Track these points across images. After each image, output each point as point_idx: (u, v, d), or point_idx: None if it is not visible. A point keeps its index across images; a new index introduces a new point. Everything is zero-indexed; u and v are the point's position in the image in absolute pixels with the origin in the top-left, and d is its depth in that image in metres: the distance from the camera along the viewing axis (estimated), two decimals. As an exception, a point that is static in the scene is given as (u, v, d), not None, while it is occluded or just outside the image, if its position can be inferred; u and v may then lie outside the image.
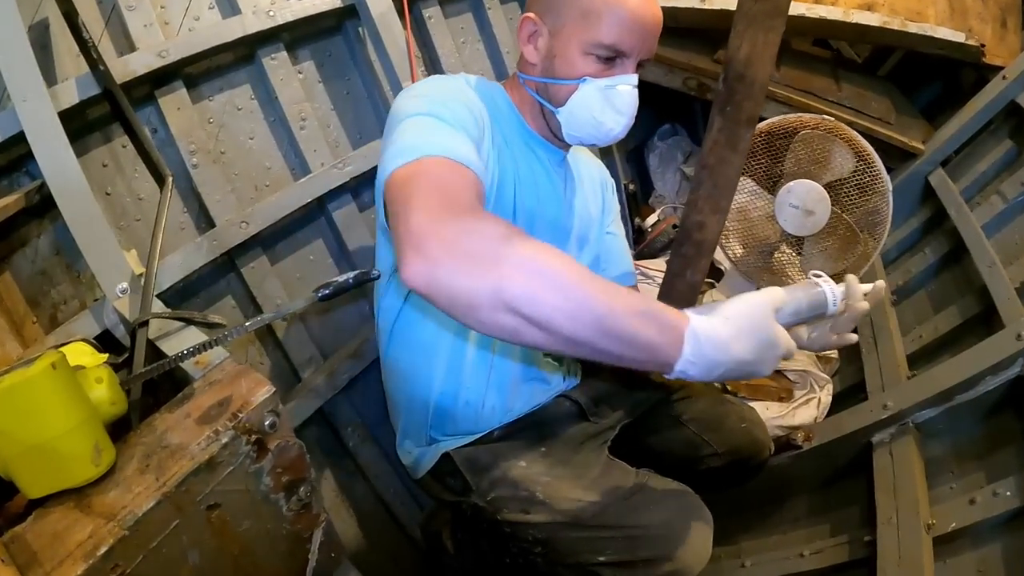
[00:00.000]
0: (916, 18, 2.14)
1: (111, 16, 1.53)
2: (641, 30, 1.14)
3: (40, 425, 0.81)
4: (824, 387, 1.94)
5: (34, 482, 0.84)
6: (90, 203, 1.26)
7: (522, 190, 1.24)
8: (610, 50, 1.14)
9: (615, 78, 1.16)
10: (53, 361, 0.82)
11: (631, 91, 1.17)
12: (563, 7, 1.15)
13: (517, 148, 1.26)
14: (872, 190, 1.76)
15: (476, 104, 1.14)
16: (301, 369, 1.77)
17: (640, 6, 1.13)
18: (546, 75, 1.20)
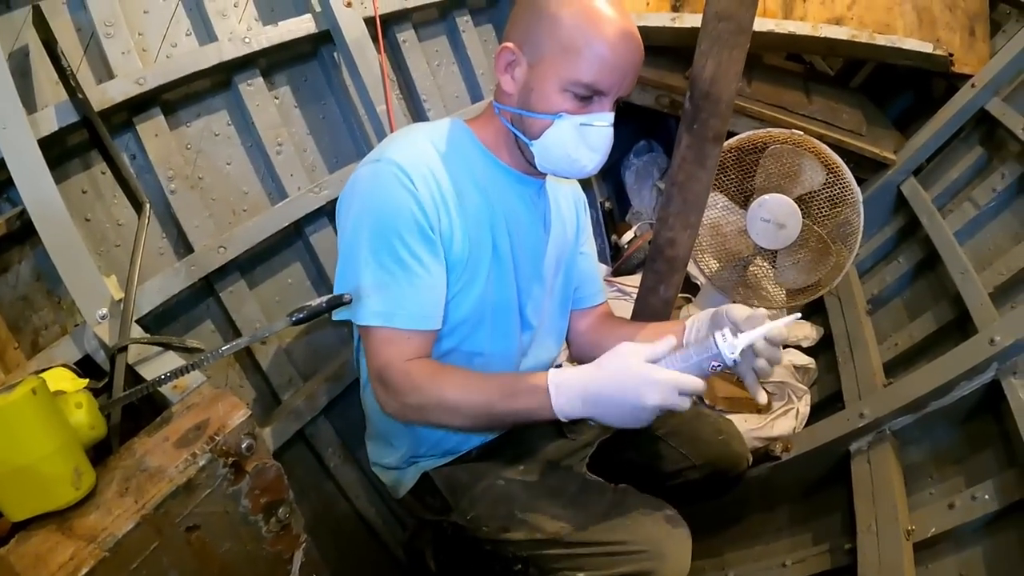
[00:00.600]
0: (884, 30, 2.19)
1: (90, 44, 1.54)
2: (622, 70, 1.12)
3: (21, 449, 0.82)
4: (802, 397, 1.96)
5: (16, 505, 0.85)
6: (70, 229, 1.27)
7: (499, 232, 1.23)
8: (588, 89, 1.12)
9: (591, 115, 1.14)
10: (33, 387, 0.83)
11: (607, 130, 1.16)
12: (543, 39, 1.13)
13: (493, 192, 1.24)
14: (842, 202, 1.79)
15: (426, 196, 1.12)
16: (281, 391, 1.77)
17: (622, 45, 1.11)
18: (522, 107, 1.18)
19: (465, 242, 1.18)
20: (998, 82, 2.07)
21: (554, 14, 1.12)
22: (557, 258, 1.39)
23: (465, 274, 1.20)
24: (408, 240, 1.12)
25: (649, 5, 2.40)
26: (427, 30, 2.30)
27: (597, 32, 1.10)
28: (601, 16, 1.10)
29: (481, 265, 1.22)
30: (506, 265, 1.26)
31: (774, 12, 2.27)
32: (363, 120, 2.00)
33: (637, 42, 1.14)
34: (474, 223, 1.20)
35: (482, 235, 1.21)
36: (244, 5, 1.82)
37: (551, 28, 1.12)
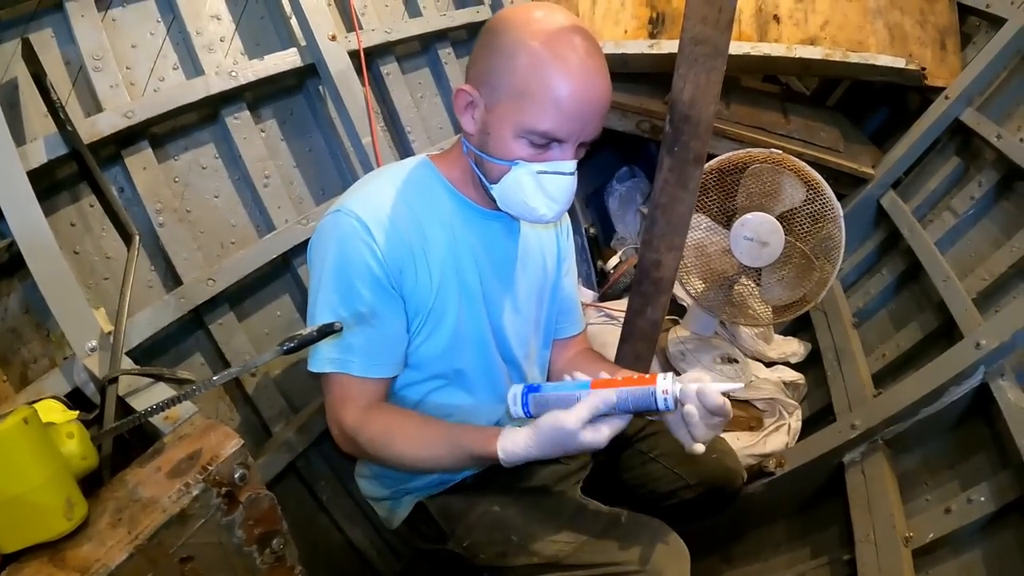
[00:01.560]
0: (857, 48, 2.24)
1: (78, 77, 1.56)
2: (580, 117, 1.06)
3: (12, 479, 0.81)
4: (793, 413, 1.97)
5: (7, 536, 0.84)
6: (59, 262, 1.27)
7: (467, 268, 1.22)
8: (544, 137, 1.06)
9: (550, 163, 1.09)
10: (25, 416, 0.82)
11: (566, 179, 1.11)
12: (498, 83, 1.07)
13: (460, 229, 1.22)
14: (824, 217, 1.82)
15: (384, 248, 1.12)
16: (271, 423, 1.76)
17: (579, 91, 1.04)
18: (481, 149, 1.13)
19: (429, 285, 1.18)
20: (971, 92, 2.12)
21: (509, 56, 1.06)
22: (539, 290, 1.37)
23: (433, 315, 1.20)
24: (363, 292, 1.13)
25: (627, 33, 2.44)
26: (410, 63, 2.34)
27: (553, 78, 1.03)
28: (558, 59, 1.03)
29: (450, 303, 1.21)
30: (476, 301, 1.25)
31: (749, 35, 2.32)
32: (349, 152, 2.02)
33: (599, 86, 1.07)
34: (438, 264, 1.18)
35: (447, 274, 1.20)
36: (230, 39, 1.85)
37: (506, 71, 1.06)
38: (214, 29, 1.81)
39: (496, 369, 1.32)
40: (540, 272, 1.37)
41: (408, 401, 1.29)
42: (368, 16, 2.16)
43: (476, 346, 1.27)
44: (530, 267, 1.35)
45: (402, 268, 1.14)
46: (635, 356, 1.62)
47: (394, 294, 1.16)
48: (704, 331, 2.17)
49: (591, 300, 2.56)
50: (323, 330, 1.04)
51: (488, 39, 1.10)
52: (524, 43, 1.04)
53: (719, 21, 1.32)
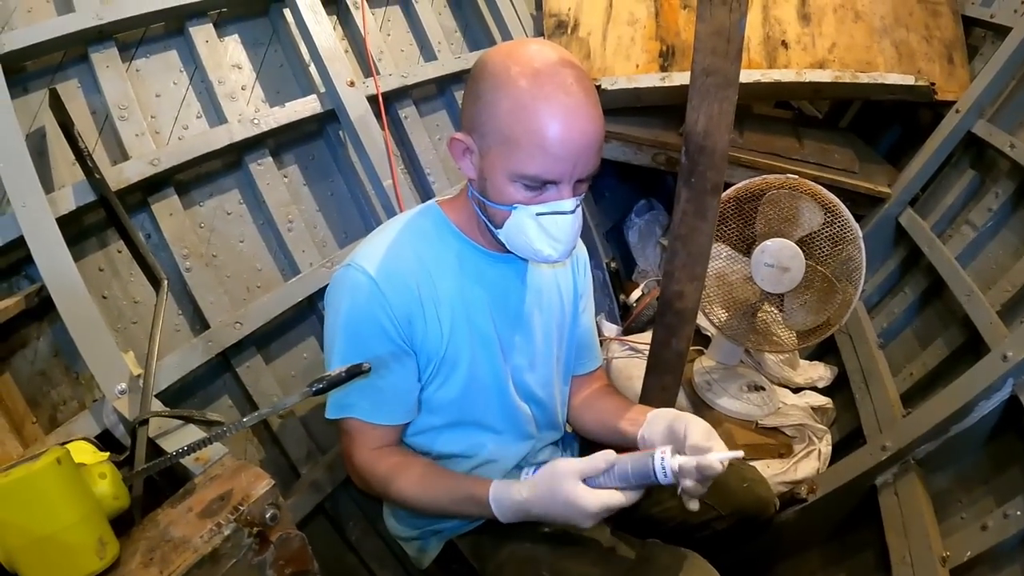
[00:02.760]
0: (866, 68, 2.26)
1: (104, 126, 1.61)
2: (568, 157, 1.03)
3: (45, 518, 0.82)
4: (823, 438, 1.94)
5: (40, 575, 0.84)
6: (88, 306, 1.30)
7: (479, 314, 1.23)
8: (535, 180, 1.05)
9: (548, 204, 1.08)
10: (58, 456, 0.84)
11: (567, 218, 1.09)
12: (487, 130, 1.06)
13: (471, 275, 1.22)
14: (843, 239, 1.81)
15: (394, 302, 1.14)
16: (299, 465, 1.76)
17: (564, 132, 1.01)
18: (482, 194, 1.13)
19: (440, 334, 1.19)
20: (981, 104, 2.12)
21: (492, 102, 1.04)
22: (558, 327, 1.38)
23: (446, 363, 1.22)
24: (373, 346, 1.16)
25: (639, 67, 2.48)
26: (427, 105, 2.39)
27: (535, 122, 1.01)
28: (539, 100, 1.01)
29: (462, 350, 1.22)
30: (490, 346, 1.25)
31: (759, 63, 2.34)
32: (370, 195, 2.05)
33: (585, 122, 1.03)
34: (448, 312, 1.19)
35: (458, 322, 1.21)
36: (251, 88, 1.90)
37: (491, 117, 1.05)
38: (235, 78, 1.86)
39: (516, 410, 1.33)
40: (557, 310, 1.37)
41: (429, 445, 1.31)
42: (385, 61, 2.21)
43: (494, 390, 1.29)
44: (546, 306, 1.34)
45: (411, 319, 1.17)
46: (662, 387, 1.61)
47: (404, 347, 1.18)
48: (729, 360, 2.15)
49: (615, 334, 2.55)
50: (351, 371, 1.05)
51: (473, 84, 1.09)
52: (505, 86, 1.03)
53: (728, 51, 1.33)
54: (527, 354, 1.32)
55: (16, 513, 0.81)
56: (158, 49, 1.76)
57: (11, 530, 0.81)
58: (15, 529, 0.81)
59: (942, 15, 2.39)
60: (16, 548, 0.82)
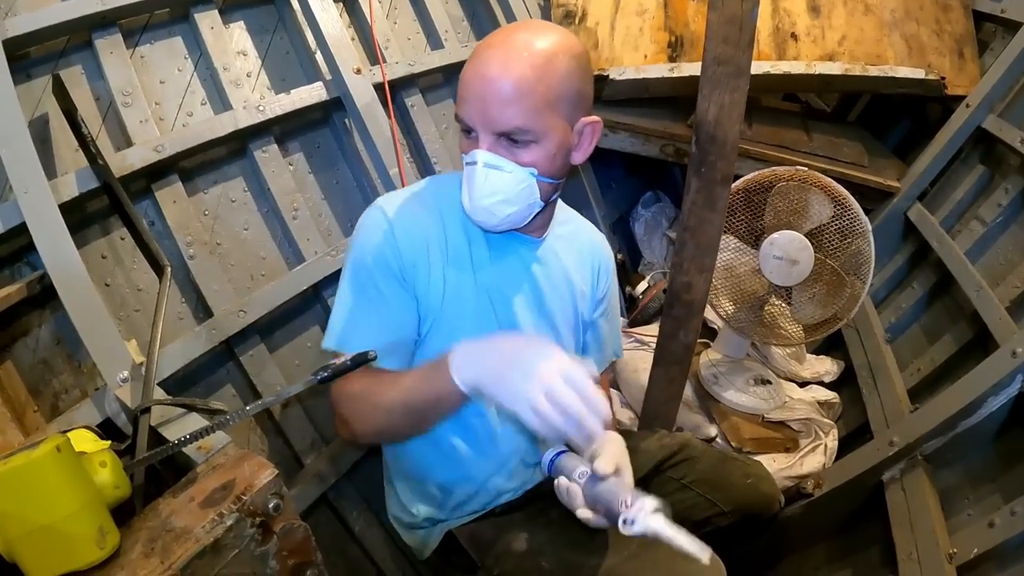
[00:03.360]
0: (876, 61, 2.24)
1: (108, 112, 1.59)
2: (474, 99, 1.07)
3: (45, 507, 0.82)
4: (829, 432, 1.93)
5: (39, 565, 0.84)
6: (91, 293, 1.29)
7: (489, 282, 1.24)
8: (460, 122, 1.11)
9: (468, 154, 1.12)
10: (58, 444, 0.83)
11: (473, 169, 1.11)
12: None
13: (484, 242, 1.24)
14: (852, 233, 1.80)
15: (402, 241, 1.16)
16: (303, 455, 1.76)
17: (483, 70, 1.06)
18: None
19: (441, 288, 1.20)
20: (991, 99, 2.10)
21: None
22: (564, 317, 1.36)
23: (445, 319, 1.21)
24: (378, 282, 1.17)
25: (647, 58, 2.45)
26: (434, 94, 2.37)
27: (469, 61, 1.08)
28: (479, 47, 1.09)
29: (466, 309, 1.22)
30: (495, 312, 1.26)
31: (768, 55, 2.32)
32: (376, 184, 2.03)
33: (502, 70, 1.05)
34: (455, 269, 1.21)
35: (464, 282, 1.22)
36: (256, 75, 1.89)
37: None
38: (240, 65, 1.84)
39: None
40: (567, 300, 1.36)
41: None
42: (391, 49, 2.19)
43: None
44: (555, 291, 1.34)
45: (416, 265, 1.18)
46: (668, 380, 1.61)
47: (405, 285, 1.18)
48: (736, 353, 2.14)
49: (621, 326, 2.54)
50: (356, 359, 1.04)
51: None
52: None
53: (740, 40, 1.33)
54: (528, 328, 1.31)
55: (15, 502, 0.80)
56: (163, 35, 1.74)
57: (10, 519, 0.80)
58: (14, 518, 0.80)
59: (953, 9, 2.37)
60: (15, 537, 0.81)
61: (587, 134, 1.18)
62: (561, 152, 1.14)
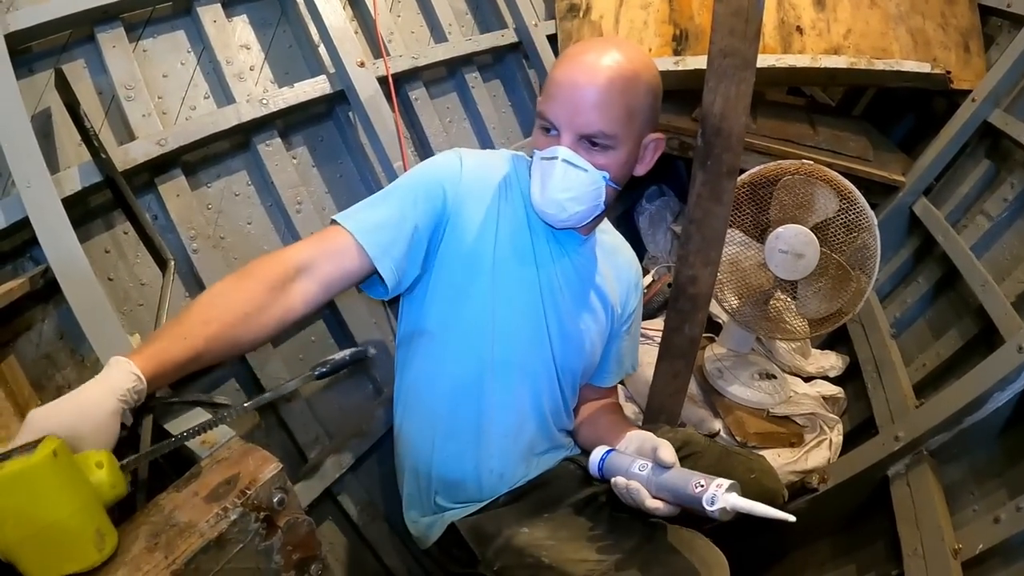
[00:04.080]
0: (881, 55, 2.22)
1: (111, 106, 1.59)
2: (567, 101, 1.14)
3: (41, 511, 0.80)
4: (834, 427, 1.93)
5: (38, 567, 0.83)
6: (94, 288, 1.29)
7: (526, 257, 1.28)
8: (542, 119, 1.17)
9: (546, 150, 1.18)
10: (54, 448, 0.82)
11: (556, 164, 1.16)
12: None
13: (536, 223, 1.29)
14: (858, 227, 1.79)
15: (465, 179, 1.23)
16: (307, 450, 1.75)
17: (572, 74, 1.14)
18: None
19: (480, 236, 1.24)
20: (997, 93, 2.10)
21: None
22: (596, 321, 1.39)
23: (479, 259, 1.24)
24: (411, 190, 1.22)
25: (651, 51, 2.45)
26: (438, 88, 2.36)
27: (559, 64, 1.17)
28: (570, 53, 1.17)
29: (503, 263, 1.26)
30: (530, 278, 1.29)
31: (773, 48, 2.31)
32: (380, 177, 2.02)
33: (593, 76, 1.13)
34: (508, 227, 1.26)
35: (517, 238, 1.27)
36: (260, 68, 1.88)
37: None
38: (244, 58, 1.84)
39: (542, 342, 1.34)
40: (602, 308, 1.40)
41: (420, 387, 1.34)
42: (395, 43, 2.18)
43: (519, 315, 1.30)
44: (598, 294, 1.39)
45: (464, 204, 1.24)
46: (673, 374, 1.60)
47: (436, 209, 1.22)
48: (741, 348, 2.14)
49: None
50: (355, 355, 1.04)
51: None
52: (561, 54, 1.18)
53: (747, 32, 1.32)
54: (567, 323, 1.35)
55: (12, 507, 0.79)
56: (165, 29, 1.73)
57: (7, 523, 0.79)
58: (11, 522, 0.79)
59: (958, 3, 2.36)
60: (14, 541, 0.80)
61: (651, 148, 1.28)
62: (630, 161, 1.24)
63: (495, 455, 1.34)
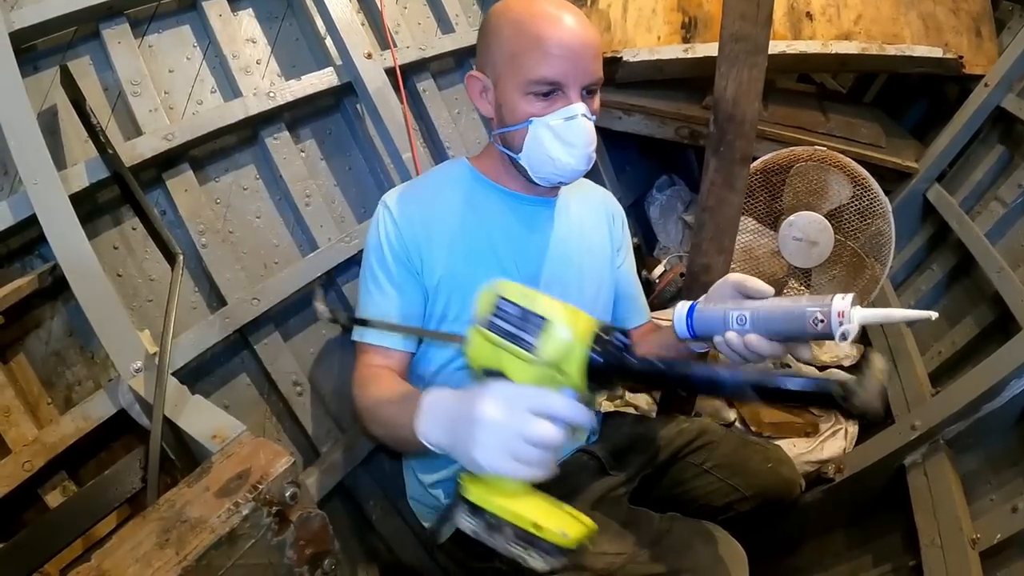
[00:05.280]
0: (893, 40, 2.19)
1: (117, 102, 1.59)
2: (569, 55, 1.13)
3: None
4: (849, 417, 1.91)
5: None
6: (103, 284, 1.29)
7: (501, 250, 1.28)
8: (543, 84, 1.14)
9: (558, 111, 1.16)
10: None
11: (579, 121, 1.16)
12: (495, 56, 1.18)
13: (490, 216, 1.29)
14: (872, 213, 1.77)
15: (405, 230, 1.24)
16: (319, 443, 1.74)
17: (561, 31, 1.13)
18: (501, 125, 1.22)
19: (447, 266, 1.24)
20: (1010, 78, 2.06)
21: (497, 28, 1.18)
22: (592, 274, 1.38)
23: (458, 289, 1.24)
24: (385, 268, 1.25)
25: (660, 39, 2.42)
26: (445, 79, 2.35)
27: (535, 29, 1.13)
28: (535, 15, 1.14)
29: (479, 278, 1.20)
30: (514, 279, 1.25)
31: (783, 34, 2.28)
32: (389, 169, 2.02)
33: (582, 26, 1.15)
34: (464, 246, 1.25)
35: (478, 255, 1.26)
36: (266, 61, 1.88)
37: (498, 42, 1.17)
38: (250, 52, 1.83)
39: None
40: (590, 256, 1.39)
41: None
42: (402, 34, 2.17)
43: None
44: (584, 251, 1.37)
45: (419, 246, 1.24)
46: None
47: (414, 272, 1.24)
48: (753, 337, 2.11)
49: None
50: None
51: (481, 28, 1.24)
52: (505, 16, 1.17)
53: (758, 17, 1.31)
54: (557, 290, 1.30)
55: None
56: (170, 24, 1.73)
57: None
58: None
59: (969, -12, 2.32)
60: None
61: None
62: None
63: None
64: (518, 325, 0.85)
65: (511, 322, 0.85)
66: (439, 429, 0.89)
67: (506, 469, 0.80)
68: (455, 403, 0.88)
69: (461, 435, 0.83)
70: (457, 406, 0.87)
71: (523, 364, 0.84)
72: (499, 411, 0.81)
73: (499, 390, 0.83)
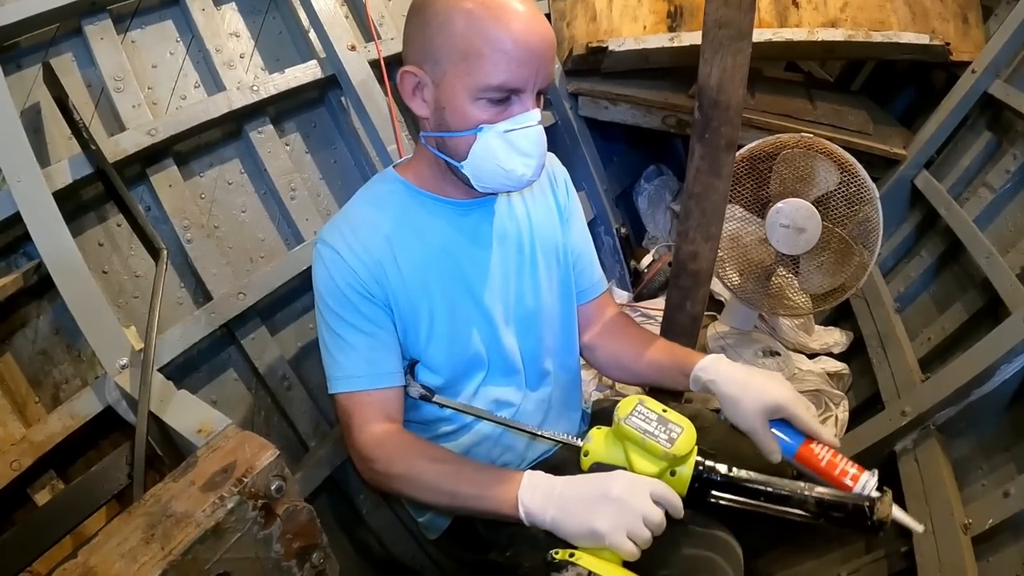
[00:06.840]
0: (879, 27, 2.20)
1: (100, 99, 1.58)
2: (531, 60, 1.03)
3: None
4: (839, 404, 1.91)
5: None
6: (88, 282, 1.28)
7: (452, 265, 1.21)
8: (501, 91, 1.04)
9: (514, 119, 1.06)
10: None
11: (535, 130, 1.08)
12: (440, 53, 1.04)
13: (432, 233, 1.21)
14: (860, 200, 1.77)
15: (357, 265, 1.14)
16: (308, 439, 1.74)
17: (524, 32, 1.02)
18: (441, 129, 1.10)
19: (406, 294, 1.18)
20: (997, 64, 2.07)
21: (445, 21, 1.03)
22: (545, 257, 1.32)
23: (422, 315, 1.20)
24: (348, 309, 1.16)
25: (646, 28, 2.42)
26: (430, 70, 2.33)
27: (494, 30, 1.01)
28: (494, 11, 1.02)
29: (437, 300, 1.20)
30: (470, 291, 1.23)
31: (769, 22, 2.28)
32: (375, 162, 2.01)
33: (542, 27, 1.05)
34: (413, 267, 1.18)
35: (428, 274, 1.19)
36: (250, 55, 1.87)
37: (446, 37, 1.03)
38: (233, 46, 1.82)
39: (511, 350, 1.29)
40: (547, 238, 1.33)
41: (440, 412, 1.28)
42: (386, 26, 2.16)
43: (483, 332, 1.25)
44: (536, 235, 1.31)
45: (377, 279, 1.16)
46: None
47: (381, 305, 1.17)
48: (744, 325, 2.12)
49: (626, 300, 2.53)
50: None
51: (418, 15, 1.08)
52: (457, 7, 1.03)
53: (742, 3, 1.31)
54: (515, 290, 1.29)
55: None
56: (153, 20, 1.72)
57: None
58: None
59: (956, -26, 2.32)
60: None
61: None
62: None
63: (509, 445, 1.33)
64: (654, 427, 1.01)
65: (649, 423, 1.01)
66: (547, 503, 1.00)
67: (620, 543, 0.93)
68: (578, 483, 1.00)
69: (580, 510, 0.97)
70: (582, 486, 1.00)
71: (649, 458, 1.01)
72: (627, 492, 0.95)
73: (627, 475, 0.98)
